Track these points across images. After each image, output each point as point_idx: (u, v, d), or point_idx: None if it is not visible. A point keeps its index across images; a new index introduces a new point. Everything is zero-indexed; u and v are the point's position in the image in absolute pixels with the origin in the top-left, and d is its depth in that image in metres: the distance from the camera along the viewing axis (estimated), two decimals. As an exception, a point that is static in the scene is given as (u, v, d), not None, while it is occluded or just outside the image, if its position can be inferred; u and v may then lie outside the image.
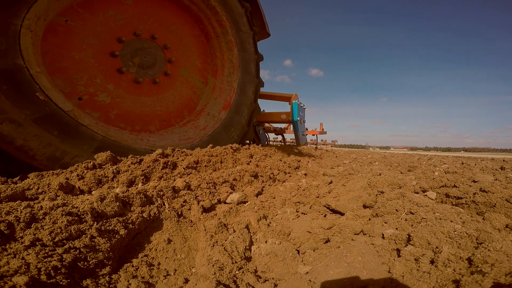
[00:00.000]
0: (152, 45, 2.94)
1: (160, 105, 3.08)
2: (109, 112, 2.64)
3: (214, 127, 3.30)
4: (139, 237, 1.16)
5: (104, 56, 2.58)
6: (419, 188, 1.69)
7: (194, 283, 0.89)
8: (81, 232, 0.95)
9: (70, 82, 2.38)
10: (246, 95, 3.71)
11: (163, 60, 3.06)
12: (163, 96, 3.12)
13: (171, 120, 3.21)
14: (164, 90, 3.13)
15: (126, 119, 2.76)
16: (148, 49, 2.89)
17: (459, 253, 0.80)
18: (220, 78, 3.62)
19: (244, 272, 1.01)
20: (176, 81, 3.25)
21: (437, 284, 0.73)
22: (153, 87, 2.99)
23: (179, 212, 1.36)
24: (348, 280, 0.86)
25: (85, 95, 2.47)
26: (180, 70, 3.28)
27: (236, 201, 1.60)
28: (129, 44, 2.74)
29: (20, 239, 0.85)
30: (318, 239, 1.22)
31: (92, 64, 2.51)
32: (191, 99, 3.45)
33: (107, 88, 2.60)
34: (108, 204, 1.13)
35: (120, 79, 2.70)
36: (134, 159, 1.90)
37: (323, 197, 1.67)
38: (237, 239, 1.18)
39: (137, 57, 2.80)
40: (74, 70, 2.40)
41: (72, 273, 0.81)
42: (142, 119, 2.91)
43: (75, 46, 2.41)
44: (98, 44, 2.54)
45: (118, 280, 0.88)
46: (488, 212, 1.24)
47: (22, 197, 1.30)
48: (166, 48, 3.08)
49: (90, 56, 2.50)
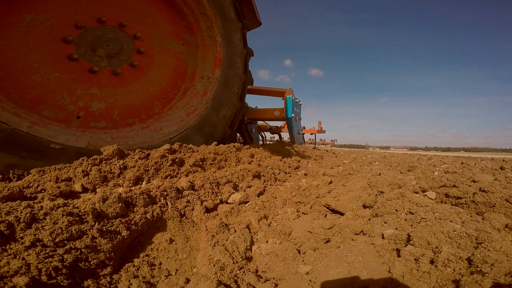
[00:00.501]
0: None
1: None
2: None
3: None
4: (140, 237, 1.16)
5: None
6: (419, 188, 1.70)
7: (195, 283, 0.89)
8: (82, 233, 0.95)
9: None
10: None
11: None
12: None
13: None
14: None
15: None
16: (113, 38, 2.65)
17: (459, 253, 0.81)
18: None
19: (245, 272, 1.01)
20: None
21: (437, 284, 0.74)
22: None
23: (182, 212, 1.36)
24: (348, 280, 0.86)
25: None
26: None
27: (238, 201, 1.60)
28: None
29: (21, 239, 0.85)
30: (318, 239, 1.22)
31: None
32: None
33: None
34: (110, 205, 1.12)
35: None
36: (141, 154, 1.89)
37: (323, 197, 1.67)
38: (238, 239, 1.18)
39: (99, 45, 2.55)
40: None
41: (73, 274, 0.81)
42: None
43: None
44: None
45: (119, 280, 0.89)
46: (488, 212, 1.25)
47: (21, 197, 1.29)
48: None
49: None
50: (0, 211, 0.92)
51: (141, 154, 1.89)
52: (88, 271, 0.86)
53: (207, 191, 1.61)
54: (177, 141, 2.74)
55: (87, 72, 2.52)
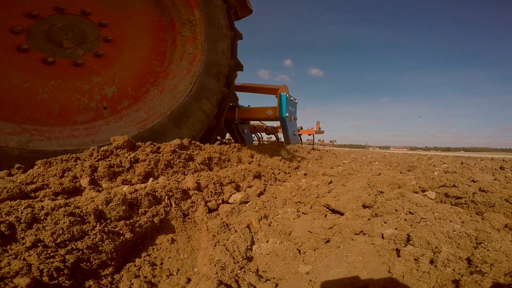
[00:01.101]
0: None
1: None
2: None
3: None
4: (143, 237, 1.16)
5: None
6: (419, 188, 1.70)
7: (196, 282, 0.89)
8: (84, 233, 0.95)
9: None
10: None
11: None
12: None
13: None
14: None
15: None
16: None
17: (459, 253, 0.81)
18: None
19: (246, 272, 1.01)
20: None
21: (437, 284, 0.74)
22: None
23: (185, 213, 1.36)
24: (348, 279, 0.86)
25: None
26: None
27: (239, 201, 1.61)
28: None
29: (21, 240, 0.85)
30: (318, 238, 1.23)
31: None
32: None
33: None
34: (114, 208, 1.09)
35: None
36: (153, 147, 1.88)
37: (323, 197, 1.68)
38: (239, 239, 1.19)
39: (56, 35, 2.38)
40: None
41: (75, 274, 0.81)
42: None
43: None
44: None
45: (121, 280, 0.89)
46: (487, 212, 1.25)
47: (23, 195, 1.27)
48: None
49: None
50: (1, 211, 0.92)
51: (153, 147, 1.88)
52: (90, 271, 0.86)
53: (210, 191, 1.61)
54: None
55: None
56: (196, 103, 3.00)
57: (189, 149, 2.16)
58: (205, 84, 3.10)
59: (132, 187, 1.34)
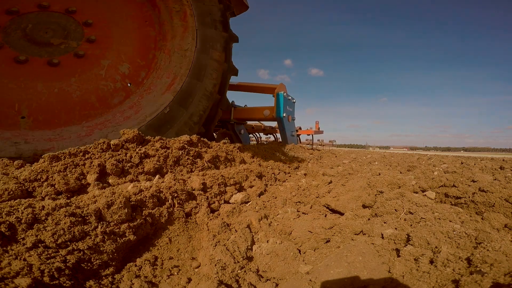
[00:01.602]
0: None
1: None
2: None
3: None
4: (144, 237, 1.16)
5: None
6: (419, 188, 1.70)
7: (196, 282, 0.89)
8: (85, 234, 0.95)
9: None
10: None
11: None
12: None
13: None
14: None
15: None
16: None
17: (458, 253, 0.81)
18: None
19: (246, 272, 1.01)
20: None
21: (437, 284, 0.74)
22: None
23: (188, 213, 1.36)
24: (348, 279, 0.86)
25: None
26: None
27: (240, 201, 1.61)
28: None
29: (22, 240, 0.85)
30: (318, 238, 1.23)
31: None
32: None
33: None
34: (116, 212, 1.07)
35: None
36: (163, 142, 1.87)
37: (323, 197, 1.68)
38: (239, 239, 1.19)
39: (34, 32, 2.30)
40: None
41: (76, 274, 0.81)
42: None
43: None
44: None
45: (121, 280, 0.89)
46: (487, 212, 1.25)
47: (25, 194, 1.25)
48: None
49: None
50: (1, 211, 0.92)
51: (162, 142, 1.87)
52: (91, 272, 0.86)
53: (214, 192, 1.61)
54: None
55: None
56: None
57: (197, 145, 2.18)
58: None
59: (137, 187, 1.32)
